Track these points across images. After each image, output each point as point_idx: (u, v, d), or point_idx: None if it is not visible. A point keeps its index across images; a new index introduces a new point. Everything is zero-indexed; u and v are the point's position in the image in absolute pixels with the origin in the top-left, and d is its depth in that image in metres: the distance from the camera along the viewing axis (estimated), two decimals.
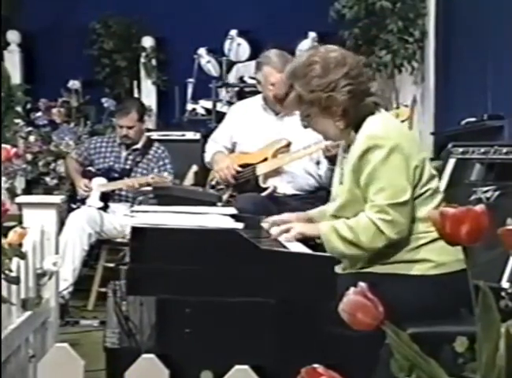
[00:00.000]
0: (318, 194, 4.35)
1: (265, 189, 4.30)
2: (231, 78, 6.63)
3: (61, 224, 4.33)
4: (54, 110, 6.40)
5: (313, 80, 2.51)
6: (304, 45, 6.42)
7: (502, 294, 3.24)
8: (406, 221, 2.46)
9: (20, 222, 3.00)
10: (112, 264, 4.77)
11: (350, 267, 2.57)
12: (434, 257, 2.46)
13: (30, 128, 6.13)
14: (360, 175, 2.48)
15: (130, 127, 5.31)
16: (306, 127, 2.67)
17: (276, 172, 4.35)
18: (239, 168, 4.38)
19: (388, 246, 2.47)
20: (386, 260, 2.49)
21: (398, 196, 2.44)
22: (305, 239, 2.60)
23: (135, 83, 7.32)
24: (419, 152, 2.55)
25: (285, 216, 2.81)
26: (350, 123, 2.56)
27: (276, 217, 2.78)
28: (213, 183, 4.51)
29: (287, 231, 2.58)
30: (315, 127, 2.63)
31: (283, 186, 4.34)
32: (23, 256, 2.67)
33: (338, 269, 2.51)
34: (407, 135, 2.61)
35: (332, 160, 4.17)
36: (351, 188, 2.52)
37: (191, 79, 6.65)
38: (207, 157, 4.59)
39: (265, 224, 2.75)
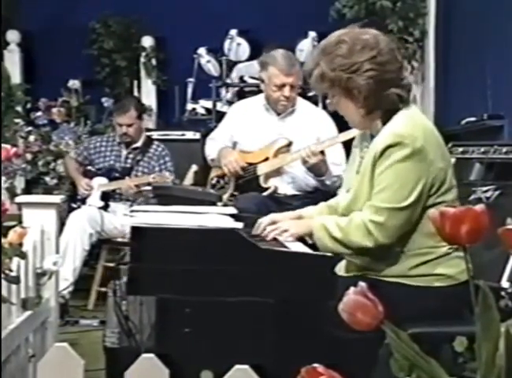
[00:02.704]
0: (319, 194, 4.35)
1: (266, 189, 4.30)
2: (231, 78, 6.62)
3: (61, 223, 4.33)
4: (54, 110, 6.40)
5: (336, 59, 2.44)
6: (304, 45, 6.40)
7: (502, 293, 3.24)
8: (400, 227, 2.38)
9: (20, 222, 3.00)
10: (112, 264, 4.78)
11: (354, 270, 2.50)
12: (441, 270, 2.40)
13: (30, 128, 6.13)
14: (376, 169, 2.40)
15: (129, 125, 5.31)
16: (332, 109, 2.59)
17: (277, 172, 4.35)
18: (244, 164, 4.38)
19: (391, 255, 2.42)
20: (388, 269, 2.42)
21: (398, 201, 2.36)
22: (302, 238, 2.59)
23: (135, 82, 7.31)
24: (443, 159, 2.46)
25: (274, 216, 2.70)
26: (372, 111, 2.47)
27: (265, 218, 2.67)
28: (214, 181, 4.50)
29: (277, 232, 2.55)
30: (339, 109, 2.55)
31: (284, 186, 4.35)
32: (23, 255, 2.67)
33: (340, 271, 2.50)
34: (435, 139, 2.49)
35: (313, 171, 4.17)
36: (367, 179, 2.43)
37: (190, 79, 6.64)
38: (212, 155, 4.56)
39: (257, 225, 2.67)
